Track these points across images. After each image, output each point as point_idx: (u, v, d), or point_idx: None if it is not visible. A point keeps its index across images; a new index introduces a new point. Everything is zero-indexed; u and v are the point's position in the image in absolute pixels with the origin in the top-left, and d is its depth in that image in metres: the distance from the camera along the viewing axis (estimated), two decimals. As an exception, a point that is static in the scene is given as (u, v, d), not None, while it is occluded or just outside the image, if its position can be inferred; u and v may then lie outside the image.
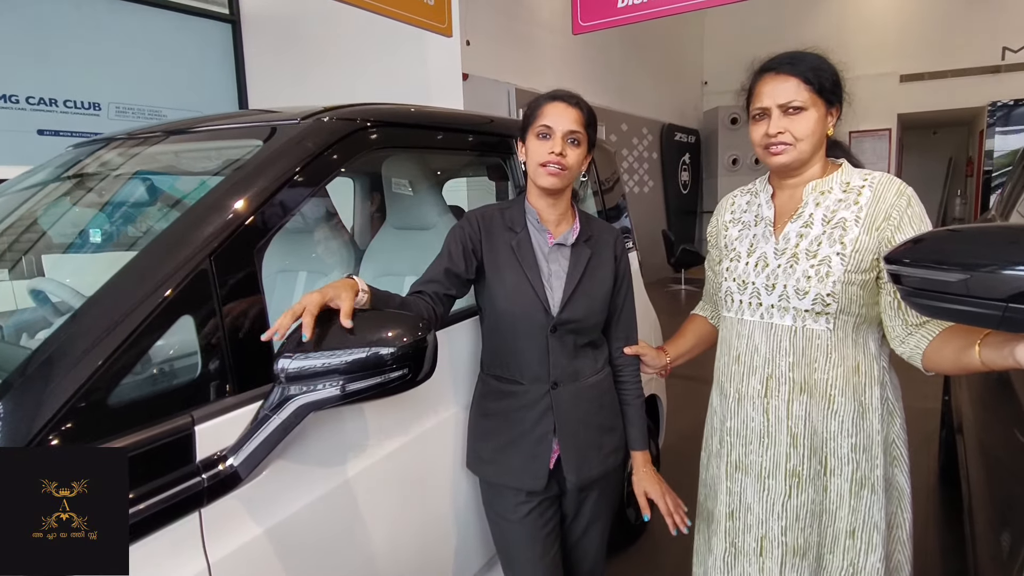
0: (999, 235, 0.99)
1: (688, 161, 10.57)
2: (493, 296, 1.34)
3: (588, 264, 1.37)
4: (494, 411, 1.39)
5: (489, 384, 1.41)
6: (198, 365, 0.97)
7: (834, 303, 1.14)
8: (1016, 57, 8.90)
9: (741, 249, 1.28)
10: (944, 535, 2.48)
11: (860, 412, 1.19)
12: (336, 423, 1.17)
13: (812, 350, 1.18)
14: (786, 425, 1.20)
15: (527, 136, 1.34)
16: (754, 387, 1.23)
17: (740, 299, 1.25)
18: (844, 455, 1.19)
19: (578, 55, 7.81)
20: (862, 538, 1.20)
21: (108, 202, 1.50)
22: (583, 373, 1.38)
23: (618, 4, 4.02)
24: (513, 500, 1.38)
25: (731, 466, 1.29)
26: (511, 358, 1.36)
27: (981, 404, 1.65)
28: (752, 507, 1.25)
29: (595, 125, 1.37)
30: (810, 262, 1.16)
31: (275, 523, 1.03)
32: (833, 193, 1.19)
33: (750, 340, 1.24)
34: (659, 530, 2.49)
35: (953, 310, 0.94)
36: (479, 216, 1.38)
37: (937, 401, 3.18)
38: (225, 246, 1.00)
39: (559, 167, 1.29)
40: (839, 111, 1.20)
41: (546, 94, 1.35)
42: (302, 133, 1.23)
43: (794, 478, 1.21)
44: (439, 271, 1.30)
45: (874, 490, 1.20)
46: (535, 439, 1.35)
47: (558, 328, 1.33)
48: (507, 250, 1.34)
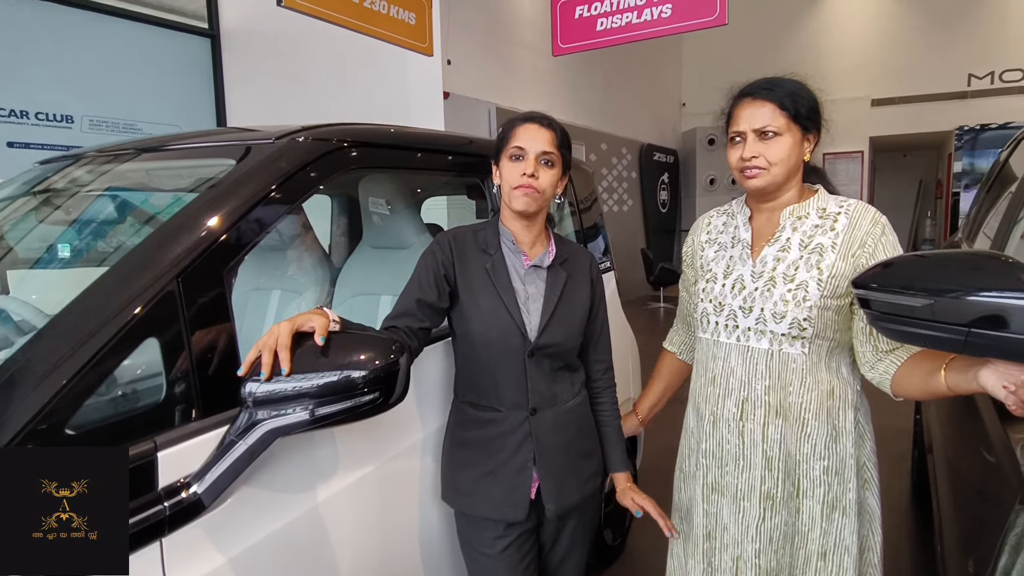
0: (963, 261, 1.01)
1: (667, 180, 10.71)
2: (468, 320, 1.30)
3: (565, 287, 1.34)
4: (471, 440, 1.34)
5: (464, 412, 1.36)
6: (162, 389, 0.95)
7: (810, 327, 1.15)
8: (981, 83, 9.23)
9: (717, 270, 1.28)
10: (916, 554, 2.50)
11: (833, 436, 1.20)
12: (305, 448, 1.14)
13: (788, 373, 1.19)
14: (761, 448, 1.21)
15: (500, 159, 1.32)
16: (730, 410, 1.24)
17: (716, 321, 1.26)
18: (816, 477, 1.20)
19: (559, 76, 7.90)
20: (833, 560, 1.21)
21: (75, 219, 1.47)
22: (561, 397, 1.35)
23: (597, 27, 4.08)
24: (492, 533, 1.33)
25: (707, 488, 1.29)
26: (488, 384, 1.31)
27: (949, 424, 1.67)
28: (728, 527, 1.26)
29: (569, 146, 1.35)
30: (787, 286, 1.17)
31: (239, 552, 1.00)
32: (810, 218, 1.21)
33: (726, 362, 1.24)
34: (636, 552, 2.48)
35: (918, 334, 0.96)
36: (451, 238, 1.34)
37: (910, 420, 3.22)
38: (193, 267, 0.98)
39: (532, 189, 1.26)
40: (816, 137, 1.22)
41: (519, 116, 1.34)
42: (276, 152, 1.22)
43: (768, 500, 1.22)
44: (411, 303, 1.25)
45: (846, 513, 1.21)
46: (515, 468, 1.30)
47: (536, 352, 1.29)
48: (481, 273, 1.31)
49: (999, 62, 9.07)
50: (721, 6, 3.72)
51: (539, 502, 1.34)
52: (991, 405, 1.12)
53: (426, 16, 3.78)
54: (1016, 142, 2.41)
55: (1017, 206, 1.76)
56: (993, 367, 0.91)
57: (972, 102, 9.25)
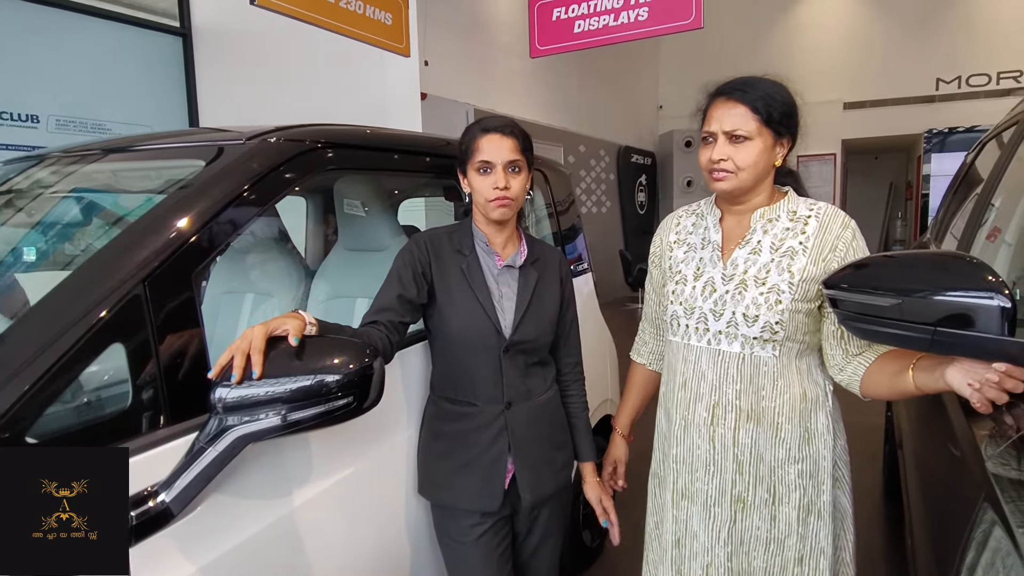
0: (930, 262, 1.03)
1: (644, 182, 10.78)
2: (444, 318, 1.34)
3: (536, 286, 1.39)
4: (447, 433, 1.38)
5: (441, 406, 1.40)
6: (129, 395, 0.93)
7: (782, 330, 1.15)
8: (949, 88, 9.45)
9: (687, 272, 1.27)
10: (888, 548, 2.55)
11: (806, 438, 1.20)
12: (277, 454, 1.12)
13: (759, 377, 1.18)
14: (732, 453, 1.20)
15: (467, 170, 1.34)
16: (700, 415, 1.23)
17: (687, 324, 1.25)
18: (791, 481, 1.19)
19: (537, 77, 7.92)
20: (810, 564, 1.21)
21: (39, 222, 1.43)
22: (535, 391, 1.40)
23: (575, 29, 4.10)
24: (467, 522, 1.37)
25: (677, 494, 1.28)
26: (465, 380, 1.36)
27: (918, 420, 1.71)
28: (698, 535, 1.24)
29: (531, 147, 1.37)
30: (759, 289, 1.17)
31: (210, 561, 0.98)
32: (780, 221, 1.21)
33: (696, 366, 1.23)
34: (615, 553, 2.49)
35: (887, 333, 0.98)
36: (427, 239, 1.37)
37: (882, 417, 3.28)
38: (160, 270, 0.96)
39: (507, 199, 1.30)
40: (790, 142, 1.21)
41: (478, 125, 1.34)
42: (248, 153, 1.20)
43: (739, 504, 1.21)
44: (391, 298, 1.28)
45: (820, 516, 1.21)
46: (490, 460, 1.35)
47: (510, 349, 1.34)
48: (457, 273, 1.34)
49: (966, 67, 9.30)
50: (697, 10, 3.76)
51: (513, 492, 1.38)
52: (957, 403, 1.14)
53: (402, 16, 3.76)
54: (981, 145, 2.48)
55: (982, 208, 1.81)
56: (959, 366, 0.93)
57: (940, 106, 9.47)
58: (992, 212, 1.74)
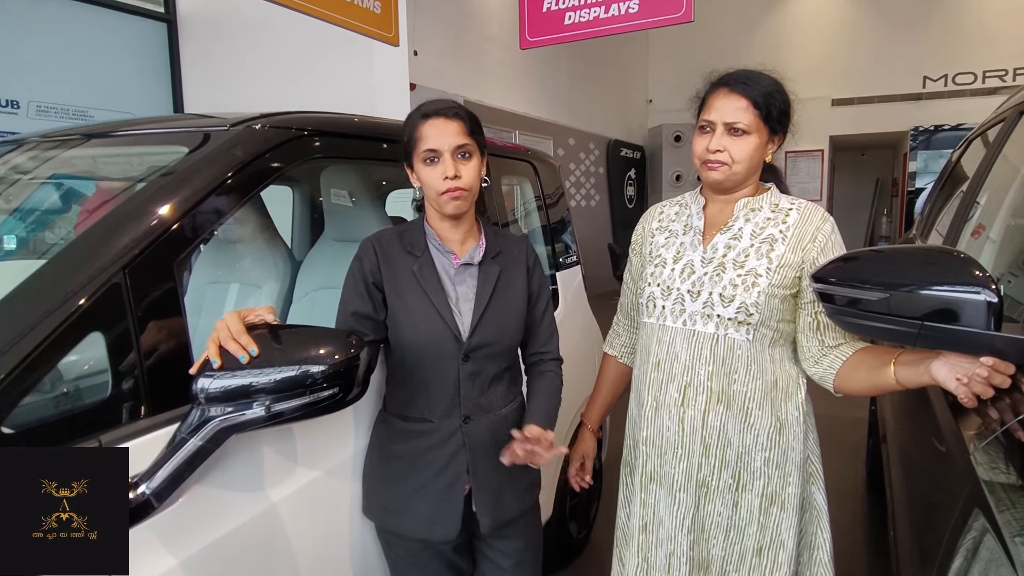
0: (917, 257, 1.04)
1: (634, 176, 10.79)
2: (398, 325, 1.23)
3: (497, 282, 1.27)
4: (399, 454, 1.25)
5: (392, 424, 1.27)
6: (108, 385, 0.91)
7: (757, 313, 1.16)
8: (936, 86, 9.54)
9: (667, 256, 1.28)
10: (871, 540, 2.58)
11: (777, 428, 1.20)
12: (260, 446, 1.11)
13: (733, 360, 1.18)
14: (700, 435, 1.19)
15: (413, 162, 1.22)
16: (671, 395, 1.22)
17: (663, 305, 1.24)
18: (757, 469, 1.19)
19: (526, 69, 7.88)
20: (768, 556, 1.20)
21: (16, 208, 1.40)
22: (495, 405, 1.28)
23: (565, 21, 4.07)
24: (421, 553, 1.28)
25: (645, 477, 1.26)
26: (419, 393, 1.24)
27: (903, 414, 1.72)
28: (664, 522, 1.24)
29: (480, 129, 1.26)
30: (737, 272, 1.18)
31: (191, 554, 0.96)
32: (763, 211, 1.23)
33: (671, 347, 1.23)
34: (601, 544, 2.50)
35: (874, 327, 0.98)
36: (375, 243, 1.26)
37: (866, 411, 3.32)
38: (141, 258, 0.94)
39: (459, 190, 1.19)
40: (781, 140, 1.23)
41: (418, 111, 1.22)
42: (232, 140, 1.18)
43: (703, 488, 1.21)
44: (347, 317, 1.20)
45: (784, 507, 1.20)
46: (447, 482, 1.23)
47: (470, 356, 1.23)
48: (408, 276, 1.23)
49: (952, 66, 9.38)
50: (687, 3, 3.74)
51: (472, 517, 1.26)
52: (943, 397, 1.15)
53: (392, 5, 3.71)
54: (967, 143, 2.50)
55: (968, 204, 1.82)
56: (944, 360, 0.93)
57: (927, 103, 9.55)
58: (977, 209, 1.76)
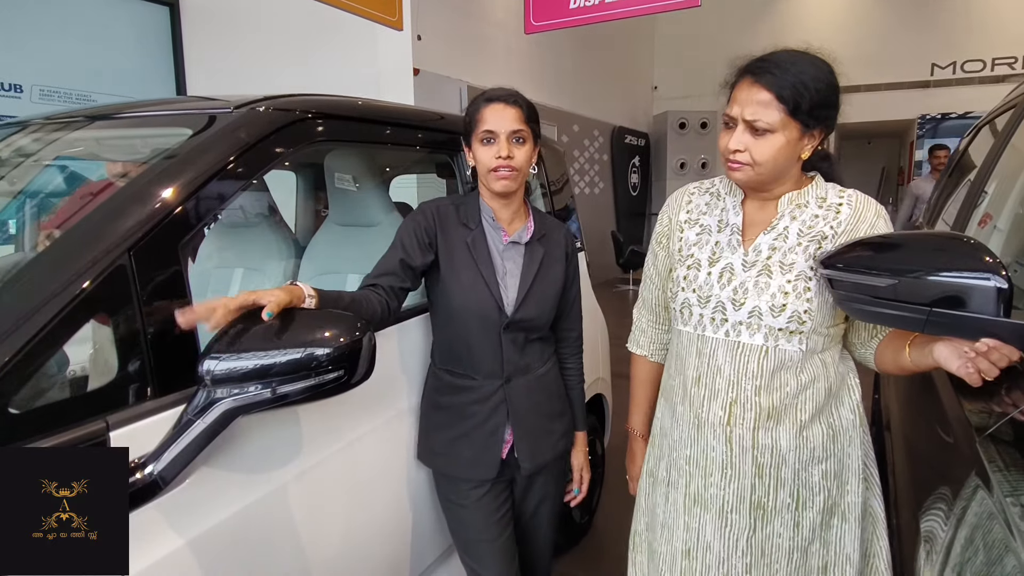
0: (926, 243, 1.03)
1: (638, 163, 10.74)
2: (448, 292, 1.34)
3: (542, 264, 1.39)
4: (447, 404, 1.40)
5: (441, 378, 1.41)
6: (114, 367, 0.91)
7: (810, 320, 1.06)
8: (944, 73, 9.43)
9: (701, 256, 1.15)
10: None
11: (831, 436, 1.12)
12: (267, 427, 1.11)
13: (782, 372, 1.08)
14: (751, 455, 1.10)
15: (472, 141, 1.34)
16: (716, 413, 1.11)
17: (701, 313, 1.13)
18: (815, 484, 1.11)
19: (531, 55, 7.82)
20: (835, 574, 1.13)
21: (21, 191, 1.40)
22: (533, 366, 1.42)
23: (570, 5, 4.04)
24: (466, 486, 1.40)
25: (689, 499, 1.16)
26: (465, 354, 1.37)
27: (907, 402, 1.72)
28: (712, 545, 1.14)
29: (537, 119, 1.37)
30: (786, 276, 1.07)
31: (199, 534, 0.97)
32: (810, 207, 1.11)
33: (712, 360, 1.12)
34: (603, 530, 2.51)
35: (882, 314, 0.98)
36: (434, 209, 1.37)
37: (869, 399, 3.31)
38: (146, 240, 0.94)
39: (509, 169, 1.29)
40: (822, 134, 1.08)
41: (483, 96, 1.34)
42: (236, 122, 1.17)
43: (759, 510, 1.11)
44: (394, 263, 1.28)
45: (845, 518, 1.14)
46: (488, 431, 1.37)
47: (511, 326, 1.35)
48: (462, 246, 1.34)
49: (961, 53, 9.27)
50: (694, -12, 3.70)
51: (513, 460, 1.41)
52: (948, 384, 1.15)
53: (396, -11, 3.68)
54: (975, 131, 2.47)
55: (975, 194, 1.80)
56: (947, 341, 0.93)
57: (934, 91, 9.45)
58: (985, 198, 1.74)
